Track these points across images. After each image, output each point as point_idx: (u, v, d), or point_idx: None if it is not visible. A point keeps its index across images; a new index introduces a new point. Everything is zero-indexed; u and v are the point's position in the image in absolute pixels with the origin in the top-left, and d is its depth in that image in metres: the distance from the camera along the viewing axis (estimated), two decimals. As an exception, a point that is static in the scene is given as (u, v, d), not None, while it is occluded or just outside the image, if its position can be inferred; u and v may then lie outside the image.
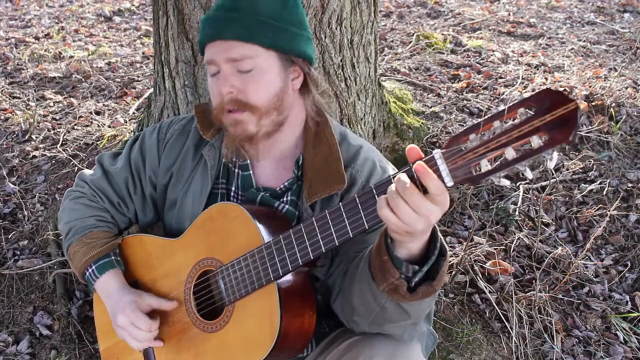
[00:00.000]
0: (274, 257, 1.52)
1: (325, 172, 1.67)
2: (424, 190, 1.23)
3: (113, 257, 1.85)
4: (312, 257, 1.47)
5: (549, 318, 2.61)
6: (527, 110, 1.14)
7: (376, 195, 1.33)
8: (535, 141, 1.12)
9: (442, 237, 1.39)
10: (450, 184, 1.23)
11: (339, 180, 1.65)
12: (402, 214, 1.24)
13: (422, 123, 3.35)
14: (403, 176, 1.25)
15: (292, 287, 1.58)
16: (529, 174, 1.16)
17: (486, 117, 1.18)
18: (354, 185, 1.68)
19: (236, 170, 1.80)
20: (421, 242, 1.35)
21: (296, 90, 1.71)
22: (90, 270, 1.84)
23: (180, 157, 1.86)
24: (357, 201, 1.37)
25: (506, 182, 1.20)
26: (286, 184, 1.75)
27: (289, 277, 1.57)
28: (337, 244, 1.42)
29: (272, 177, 1.78)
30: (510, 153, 1.15)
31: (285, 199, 1.74)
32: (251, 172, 1.78)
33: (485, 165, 1.18)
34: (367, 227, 1.37)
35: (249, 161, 1.78)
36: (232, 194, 1.80)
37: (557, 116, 1.09)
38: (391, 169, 1.75)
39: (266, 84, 1.62)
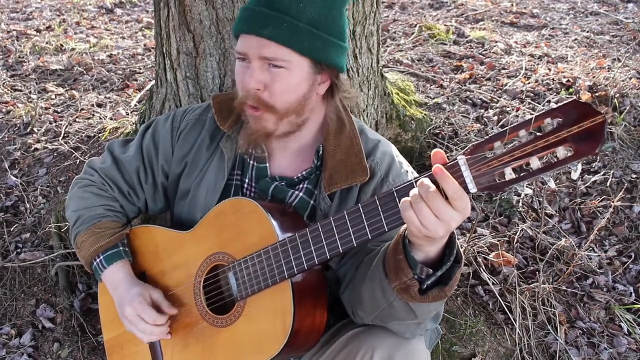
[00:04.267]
0: (289, 255, 1.51)
1: (347, 164, 1.68)
2: (446, 197, 1.23)
3: (122, 248, 1.85)
4: (328, 257, 1.46)
5: (552, 310, 2.61)
6: (553, 120, 1.14)
7: (397, 199, 1.32)
8: (561, 152, 1.12)
9: (459, 245, 1.39)
10: (473, 190, 1.23)
11: (361, 172, 1.66)
12: (424, 219, 1.23)
13: (425, 115, 3.34)
14: (426, 180, 1.24)
15: (306, 285, 1.57)
16: (553, 185, 1.17)
17: (512, 125, 1.18)
18: (374, 178, 1.68)
19: (252, 162, 1.79)
20: (439, 246, 1.35)
21: (320, 95, 1.70)
22: (98, 260, 1.83)
23: (195, 147, 1.84)
24: (377, 203, 1.36)
25: (529, 191, 1.21)
26: (304, 173, 1.74)
27: (303, 274, 1.56)
28: (355, 245, 1.41)
29: (289, 168, 1.77)
30: (535, 163, 1.15)
31: (300, 186, 1.73)
32: (267, 164, 1.77)
33: (509, 174, 1.19)
34: (386, 230, 1.36)
35: (266, 154, 1.76)
36: (245, 186, 1.80)
37: (584, 129, 1.10)
38: (406, 165, 1.75)
39: (292, 87, 1.60)
